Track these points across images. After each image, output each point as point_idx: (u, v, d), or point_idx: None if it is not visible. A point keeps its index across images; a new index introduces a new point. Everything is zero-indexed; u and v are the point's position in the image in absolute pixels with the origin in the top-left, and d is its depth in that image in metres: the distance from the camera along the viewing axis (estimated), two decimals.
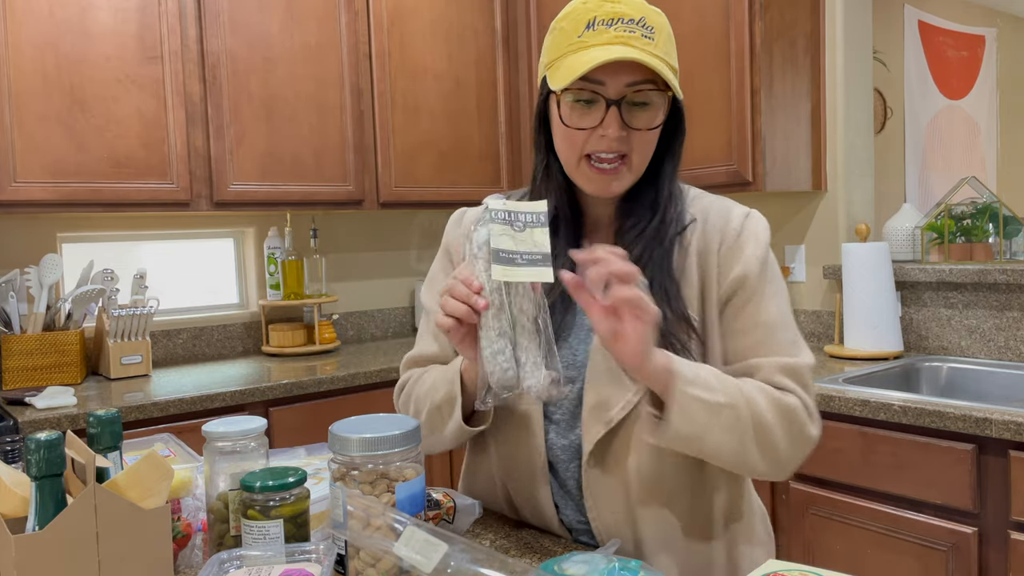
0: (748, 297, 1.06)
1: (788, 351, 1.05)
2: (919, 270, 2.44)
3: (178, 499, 1.02)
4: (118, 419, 0.94)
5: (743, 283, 1.06)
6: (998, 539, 1.72)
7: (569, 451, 1.09)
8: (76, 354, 2.41)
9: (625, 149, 1.03)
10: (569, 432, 1.09)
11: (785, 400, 1.01)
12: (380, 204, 2.91)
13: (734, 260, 1.07)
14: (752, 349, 1.05)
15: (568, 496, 1.11)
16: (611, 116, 1.01)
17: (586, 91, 1.01)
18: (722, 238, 1.08)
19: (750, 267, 1.06)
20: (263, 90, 2.63)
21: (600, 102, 1.01)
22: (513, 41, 3.20)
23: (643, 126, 1.02)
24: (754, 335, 1.05)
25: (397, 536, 0.79)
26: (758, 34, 2.41)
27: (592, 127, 1.02)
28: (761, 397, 0.99)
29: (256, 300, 3.04)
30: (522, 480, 1.12)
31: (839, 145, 2.60)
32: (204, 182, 2.54)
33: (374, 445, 0.91)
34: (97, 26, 2.34)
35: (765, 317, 1.06)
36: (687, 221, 1.09)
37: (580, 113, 1.03)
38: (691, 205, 1.12)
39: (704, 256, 1.08)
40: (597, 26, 1.00)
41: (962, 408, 1.76)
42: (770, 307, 1.06)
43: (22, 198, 2.24)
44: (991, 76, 4.58)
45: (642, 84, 1.01)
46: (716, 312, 1.07)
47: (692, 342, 1.05)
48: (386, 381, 2.58)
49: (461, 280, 0.94)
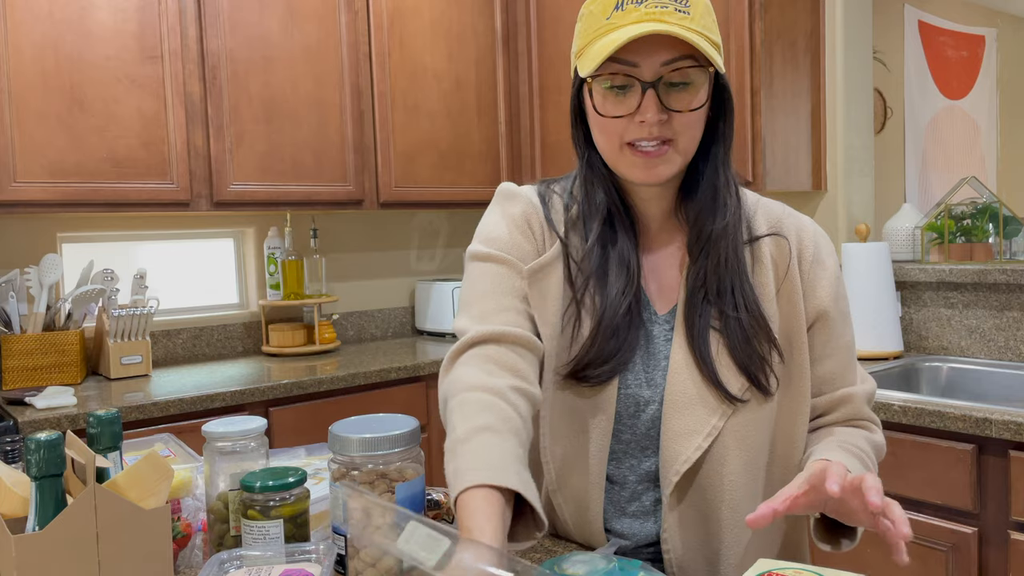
0: (836, 320, 1.04)
1: (862, 374, 1.08)
2: (919, 270, 2.44)
3: (178, 499, 1.02)
4: (118, 419, 0.94)
5: (834, 304, 1.03)
6: (998, 539, 1.72)
7: (638, 472, 1.03)
8: (76, 354, 2.41)
9: (669, 134, 0.94)
10: (639, 452, 1.03)
11: (880, 443, 1.06)
12: (380, 204, 2.91)
13: (820, 277, 1.03)
14: (840, 375, 1.05)
15: (631, 518, 1.05)
16: (648, 100, 0.92)
17: (619, 75, 0.93)
18: (800, 251, 1.03)
19: (837, 289, 1.04)
20: (263, 90, 2.63)
21: (635, 86, 0.93)
22: (513, 41, 3.20)
23: (684, 107, 0.94)
24: (838, 359, 1.05)
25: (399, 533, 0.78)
26: (758, 34, 2.41)
27: (628, 114, 0.94)
28: (871, 451, 1.03)
29: (256, 300, 3.04)
30: (574, 486, 1.05)
31: (839, 145, 2.60)
32: (204, 182, 2.54)
33: (374, 445, 0.91)
34: (97, 26, 2.34)
35: (846, 340, 1.06)
36: (759, 229, 1.04)
37: (614, 101, 0.94)
38: (757, 212, 1.06)
39: (786, 271, 1.02)
40: (626, 6, 0.92)
41: (962, 408, 1.76)
42: (848, 330, 1.06)
43: (22, 198, 2.24)
44: (991, 76, 4.57)
45: (679, 61, 0.92)
46: (804, 331, 1.02)
47: (774, 359, 1.00)
48: (386, 381, 2.58)
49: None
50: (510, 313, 1.00)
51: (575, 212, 1.06)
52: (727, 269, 0.99)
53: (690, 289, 1.01)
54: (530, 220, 1.06)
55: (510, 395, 0.91)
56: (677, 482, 0.99)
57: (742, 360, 0.98)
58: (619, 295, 1.00)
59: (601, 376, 1.00)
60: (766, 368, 0.99)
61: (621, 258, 1.02)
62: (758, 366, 0.98)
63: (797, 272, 1.02)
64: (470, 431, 0.85)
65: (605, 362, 0.99)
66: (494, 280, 1.02)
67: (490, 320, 0.98)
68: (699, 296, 1.00)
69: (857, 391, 1.05)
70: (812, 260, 1.03)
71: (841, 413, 1.06)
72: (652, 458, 1.03)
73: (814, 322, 1.03)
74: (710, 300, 0.99)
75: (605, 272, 1.01)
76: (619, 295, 1.00)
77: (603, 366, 1.00)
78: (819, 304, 1.03)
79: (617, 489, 1.05)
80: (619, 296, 1.00)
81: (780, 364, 1.01)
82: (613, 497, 1.05)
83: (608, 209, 1.03)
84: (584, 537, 1.07)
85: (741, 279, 0.99)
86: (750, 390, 0.99)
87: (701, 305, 0.99)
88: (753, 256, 1.02)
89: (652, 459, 1.03)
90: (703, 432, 0.98)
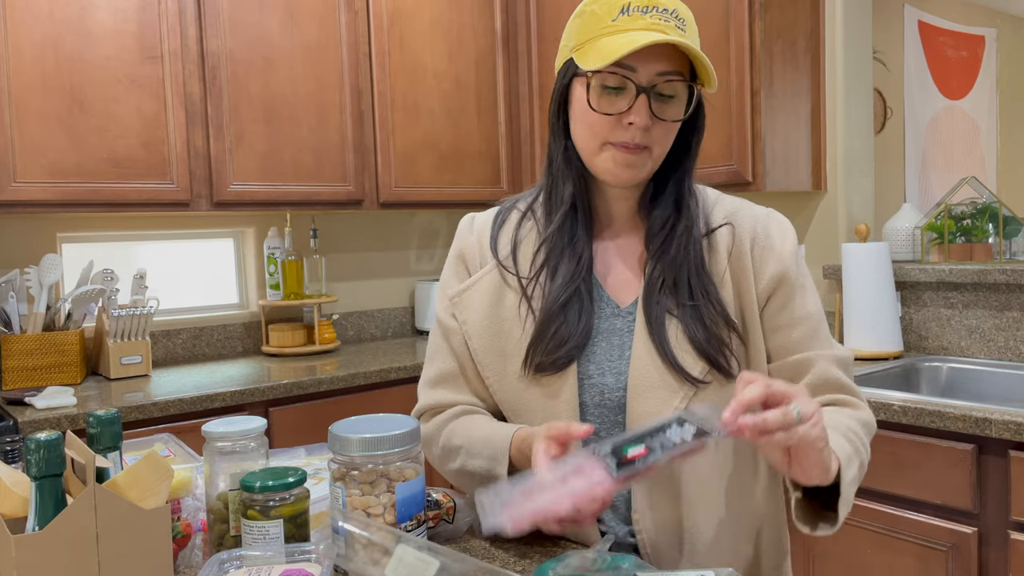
0: (790, 292, 1.06)
1: (832, 343, 1.08)
2: (919, 270, 2.44)
3: (178, 499, 1.02)
4: (118, 419, 0.94)
5: (783, 279, 1.06)
6: (998, 539, 1.72)
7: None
8: (76, 354, 2.41)
9: (647, 141, 1.01)
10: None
11: (869, 420, 1.05)
12: (380, 204, 2.91)
13: (768, 258, 1.07)
14: (800, 343, 1.06)
15: (613, 510, 1.08)
16: (640, 103, 0.99)
17: (617, 76, 0.99)
18: (753, 238, 1.08)
19: (787, 263, 1.07)
20: (263, 90, 2.63)
21: (629, 89, 0.99)
22: (513, 41, 3.20)
23: (670, 117, 1.01)
24: (801, 328, 1.06)
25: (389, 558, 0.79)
26: (758, 34, 2.41)
27: (620, 113, 1.00)
28: (863, 431, 1.02)
29: (256, 300, 3.04)
30: None
31: (839, 145, 2.60)
32: (204, 182, 2.54)
33: (374, 445, 0.91)
34: (97, 26, 2.34)
35: (808, 310, 1.07)
36: (715, 223, 1.09)
37: (608, 99, 1.00)
38: (716, 207, 1.11)
39: (737, 258, 1.07)
40: (632, 12, 0.98)
41: (962, 408, 1.76)
42: (809, 301, 1.08)
43: (22, 198, 2.24)
44: (991, 76, 4.57)
45: (672, 75, 1.00)
46: (756, 311, 1.06)
47: (734, 342, 1.04)
48: (386, 381, 2.58)
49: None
50: (448, 382, 1.15)
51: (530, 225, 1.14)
52: (684, 260, 1.05)
53: (648, 281, 1.06)
54: (464, 255, 1.18)
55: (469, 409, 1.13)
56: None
57: (701, 345, 1.02)
58: (566, 282, 1.06)
59: (557, 363, 1.04)
60: (726, 351, 1.03)
61: (575, 251, 1.08)
62: (717, 349, 1.02)
63: (749, 256, 1.07)
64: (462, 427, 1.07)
65: (558, 347, 1.04)
66: (442, 337, 1.16)
67: (430, 393, 1.16)
68: (657, 286, 1.05)
69: (819, 354, 1.05)
70: (763, 245, 1.08)
71: (811, 379, 1.05)
72: None
73: (769, 297, 1.07)
74: (668, 290, 1.05)
75: (557, 264, 1.08)
76: (566, 282, 1.06)
77: (556, 352, 1.04)
78: (770, 280, 1.06)
79: None
80: (566, 283, 1.06)
81: (741, 347, 1.05)
82: None
83: (573, 203, 1.09)
84: (574, 533, 1.09)
85: (698, 269, 1.05)
86: (711, 372, 1.03)
87: (659, 294, 1.05)
88: (710, 247, 1.07)
89: None
90: (666, 413, 1.02)
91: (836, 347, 1.08)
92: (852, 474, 0.95)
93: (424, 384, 1.17)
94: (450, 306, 1.14)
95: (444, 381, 1.15)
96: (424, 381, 1.17)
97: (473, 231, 1.19)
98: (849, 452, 0.96)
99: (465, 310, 1.12)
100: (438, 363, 1.16)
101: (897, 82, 3.87)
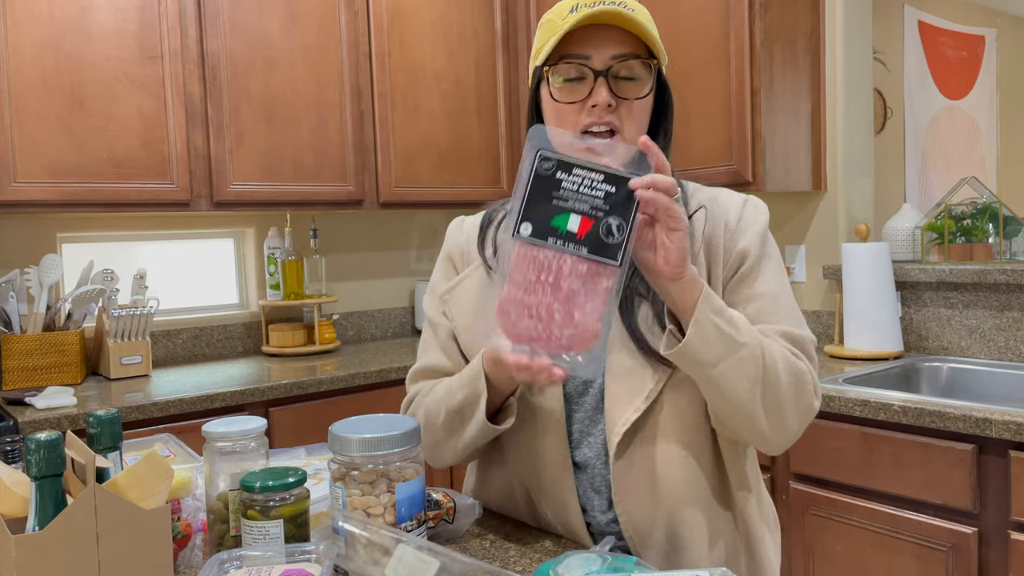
0: (750, 269, 1.08)
1: (790, 322, 1.06)
2: (919, 270, 2.44)
3: (178, 499, 1.02)
4: (118, 419, 0.94)
5: (745, 256, 1.08)
6: (998, 539, 1.72)
7: (595, 448, 1.09)
8: (76, 354, 2.41)
9: (616, 122, 1.04)
10: (593, 428, 1.09)
11: (798, 364, 1.02)
12: (380, 204, 2.91)
13: (738, 238, 1.09)
14: (754, 317, 1.06)
15: (597, 494, 1.09)
16: (599, 85, 1.03)
17: (573, 65, 1.04)
18: (727, 221, 1.10)
19: (751, 242, 1.08)
20: (263, 90, 2.63)
21: (588, 76, 1.04)
22: (513, 41, 3.20)
23: (631, 95, 1.04)
24: (757, 303, 1.06)
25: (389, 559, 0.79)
26: (758, 34, 2.41)
27: (581, 100, 1.04)
28: (779, 354, 1.00)
29: (256, 300, 3.04)
30: (547, 480, 1.10)
31: (839, 145, 2.60)
32: (204, 182, 2.54)
33: (374, 445, 0.91)
34: (97, 26, 2.34)
35: (767, 288, 1.07)
36: (693, 209, 1.11)
37: (569, 89, 1.05)
38: (694, 196, 1.14)
39: (710, 242, 1.09)
40: (580, 9, 1.02)
41: (962, 408, 1.76)
42: (771, 280, 1.08)
43: (22, 198, 2.24)
44: (991, 76, 4.57)
45: (627, 56, 1.04)
46: (722, 292, 1.08)
47: None
48: (386, 381, 2.58)
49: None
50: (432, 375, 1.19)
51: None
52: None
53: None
54: (451, 256, 1.23)
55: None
56: (618, 443, 1.05)
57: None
58: None
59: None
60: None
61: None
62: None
63: (721, 239, 1.08)
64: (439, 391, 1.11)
65: None
66: (432, 334, 1.20)
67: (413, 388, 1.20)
68: (630, 272, 1.05)
69: (768, 328, 1.04)
70: (735, 227, 1.09)
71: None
72: (605, 433, 1.08)
73: (733, 273, 1.08)
74: (639, 274, 1.06)
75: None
76: None
77: None
78: (736, 257, 1.08)
79: (587, 477, 1.10)
80: None
81: None
82: (584, 484, 1.10)
83: None
84: (568, 530, 1.10)
85: None
86: None
87: (632, 280, 1.07)
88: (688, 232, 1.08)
89: (602, 428, 1.09)
90: (642, 394, 1.05)
91: (796, 326, 1.06)
92: (717, 306, 0.93)
93: (409, 377, 1.22)
94: (440, 304, 1.19)
95: (428, 374, 1.19)
96: (410, 374, 1.22)
97: (463, 232, 1.23)
98: (732, 316, 0.95)
99: (454, 306, 1.17)
100: (425, 358, 1.20)
101: (897, 82, 3.87)
